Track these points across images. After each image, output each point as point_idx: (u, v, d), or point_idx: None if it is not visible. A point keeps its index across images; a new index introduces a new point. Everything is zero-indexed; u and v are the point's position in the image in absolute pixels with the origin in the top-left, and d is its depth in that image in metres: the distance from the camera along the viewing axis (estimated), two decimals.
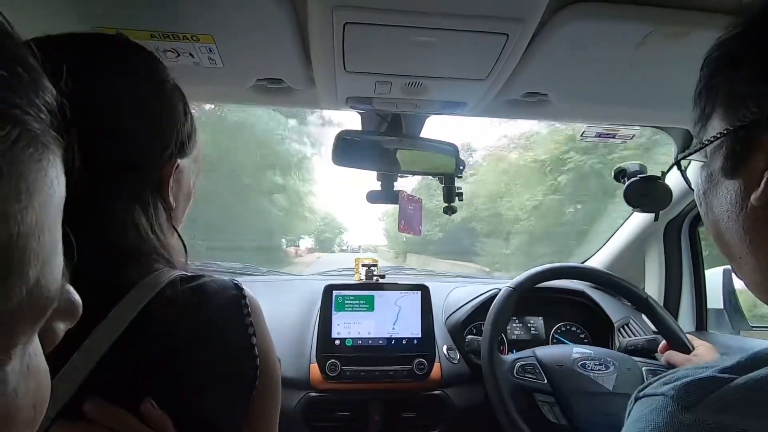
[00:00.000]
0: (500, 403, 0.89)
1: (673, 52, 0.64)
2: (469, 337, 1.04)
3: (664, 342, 0.95)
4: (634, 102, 0.80)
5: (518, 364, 0.95)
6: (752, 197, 0.34)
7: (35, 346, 0.20)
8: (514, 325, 1.24)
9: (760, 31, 0.35)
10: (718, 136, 0.37)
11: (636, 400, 0.32)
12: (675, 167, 0.50)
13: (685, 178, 0.47)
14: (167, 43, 0.63)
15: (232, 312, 0.50)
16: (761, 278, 0.37)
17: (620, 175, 1.03)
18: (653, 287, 1.30)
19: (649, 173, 0.95)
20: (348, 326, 1.04)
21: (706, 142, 0.38)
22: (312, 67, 0.69)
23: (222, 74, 0.71)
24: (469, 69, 0.66)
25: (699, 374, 0.29)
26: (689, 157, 0.42)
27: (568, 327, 1.23)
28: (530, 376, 0.94)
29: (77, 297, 0.22)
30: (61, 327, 0.22)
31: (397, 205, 1.05)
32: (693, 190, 0.43)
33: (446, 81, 0.70)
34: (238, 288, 0.51)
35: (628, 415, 0.32)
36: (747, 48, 0.36)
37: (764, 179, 0.33)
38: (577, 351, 0.95)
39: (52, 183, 0.19)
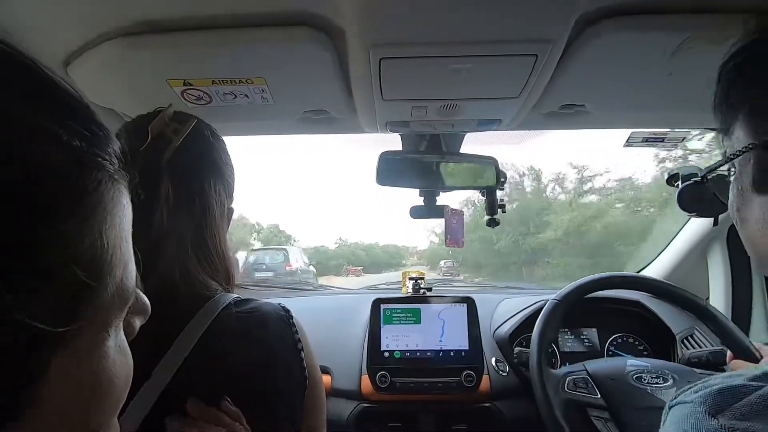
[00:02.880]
0: (551, 419, 0.87)
1: (714, 55, 0.62)
2: (518, 349, 1.03)
3: (730, 353, 0.89)
4: (677, 106, 0.78)
5: (569, 378, 0.94)
6: None
7: (122, 333, 0.26)
8: (567, 337, 1.21)
9: None
10: (744, 150, 0.36)
11: (670, 408, 0.33)
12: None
13: (712, 193, 0.46)
14: (226, 87, 0.71)
15: (283, 332, 0.58)
16: None
17: (673, 179, 0.99)
18: (719, 296, 1.21)
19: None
20: (396, 339, 1.08)
21: (732, 156, 0.38)
22: (353, 97, 0.75)
23: (273, 109, 0.78)
24: (502, 89, 0.69)
25: (729, 382, 0.30)
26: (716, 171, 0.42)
27: (624, 339, 1.19)
28: (582, 390, 0.92)
29: (146, 299, 0.30)
30: (137, 322, 0.29)
31: (443, 220, 1.09)
32: (725, 204, 0.42)
33: (480, 101, 0.73)
34: (286, 310, 0.60)
35: (663, 422, 0.33)
36: (764, 60, 0.35)
37: None
38: (632, 364, 0.91)
39: (124, 207, 0.25)
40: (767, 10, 0.54)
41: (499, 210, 1.07)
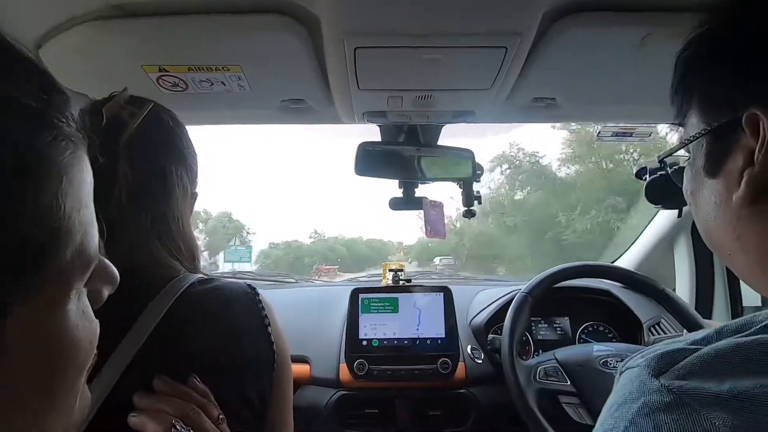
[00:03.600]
0: (525, 408, 0.90)
1: (675, 51, 0.65)
2: (491, 336, 1.06)
3: None
4: (643, 100, 0.81)
5: (540, 368, 0.97)
6: (734, 197, 0.35)
7: (85, 299, 0.27)
8: (540, 326, 1.25)
9: (727, 32, 0.36)
10: (697, 135, 0.38)
11: (620, 374, 0.35)
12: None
13: (669, 176, 0.48)
14: (202, 74, 0.71)
15: (249, 308, 0.59)
16: (752, 272, 0.38)
17: (641, 173, 1.03)
18: (684, 286, 1.27)
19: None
20: (374, 327, 1.09)
21: (686, 142, 0.40)
22: (330, 87, 0.76)
23: (250, 98, 0.79)
24: (474, 80, 0.71)
25: (671, 347, 0.32)
26: (673, 155, 0.45)
27: (595, 327, 1.23)
28: (553, 379, 0.95)
29: (113, 267, 0.31)
30: (105, 291, 0.30)
31: (422, 211, 1.11)
32: (680, 187, 0.44)
33: (454, 92, 0.75)
34: (252, 288, 0.61)
35: (615, 386, 0.35)
36: (716, 49, 0.37)
37: (744, 179, 0.34)
38: (598, 349, 0.95)
39: (84, 172, 0.26)
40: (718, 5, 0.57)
41: (475, 202, 1.10)
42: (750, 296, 1.22)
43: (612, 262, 1.47)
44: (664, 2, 0.60)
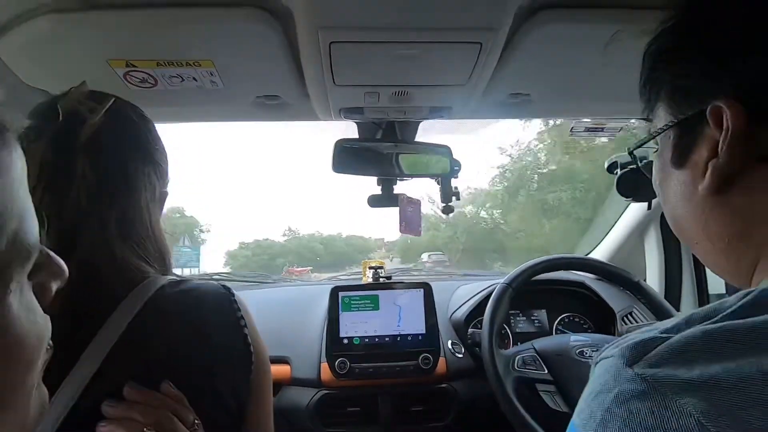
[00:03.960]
0: (503, 395, 0.92)
1: (642, 48, 0.67)
2: (471, 330, 1.07)
3: None
4: (614, 97, 0.84)
5: (518, 356, 0.99)
6: (699, 187, 0.36)
7: (30, 293, 0.26)
8: (519, 318, 1.27)
9: (693, 25, 0.37)
10: (664, 128, 0.39)
11: (596, 364, 0.36)
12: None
13: (639, 168, 0.50)
14: (172, 69, 0.69)
15: (223, 310, 0.57)
16: (717, 260, 0.39)
17: (613, 167, 1.06)
18: (654, 275, 1.32)
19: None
20: (355, 325, 1.09)
21: (654, 134, 0.41)
22: (305, 83, 0.75)
23: (223, 94, 0.77)
24: (450, 76, 0.71)
25: (643, 336, 0.33)
26: (643, 146, 0.46)
27: (570, 318, 1.26)
28: (531, 367, 0.97)
29: (60, 260, 0.29)
30: (53, 286, 0.29)
31: (398, 208, 1.11)
32: (650, 180, 0.45)
33: (430, 88, 0.75)
34: (227, 288, 0.59)
35: (591, 377, 0.36)
36: (682, 42, 0.38)
37: (708, 170, 0.35)
38: (575, 339, 0.98)
39: (14, 159, 0.25)
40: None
41: (453, 198, 1.11)
42: (715, 284, 1.28)
43: (586, 254, 1.51)
44: (626, 1, 0.61)
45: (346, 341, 1.07)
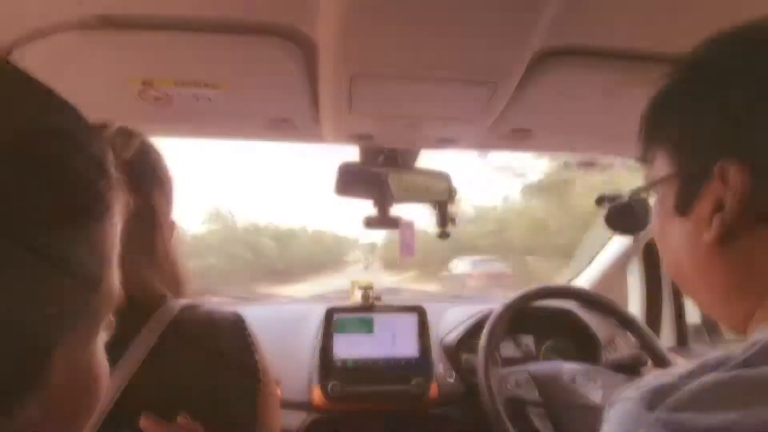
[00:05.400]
0: (494, 413, 0.93)
1: (643, 96, 0.72)
2: (466, 356, 1.09)
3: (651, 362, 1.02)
4: (611, 137, 0.89)
5: (513, 377, 1.01)
6: (703, 237, 0.37)
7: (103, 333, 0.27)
8: (506, 343, 1.29)
9: (693, 84, 0.39)
10: (668, 177, 0.40)
11: (611, 406, 0.37)
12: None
13: (628, 205, 0.51)
14: (189, 89, 0.69)
15: (238, 334, 0.58)
16: (714, 308, 0.41)
17: (601, 200, 1.11)
18: (635, 305, 1.37)
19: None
20: (348, 348, 1.08)
21: (656, 181, 0.42)
22: (318, 109, 0.76)
23: (235, 115, 0.77)
24: (463, 111, 0.74)
25: (661, 381, 0.35)
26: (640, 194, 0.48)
27: (556, 344, 1.29)
28: (523, 389, 0.99)
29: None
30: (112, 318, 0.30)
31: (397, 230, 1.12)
32: (637, 217, 0.48)
33: (442, 121, 0.77)
34: (239, 316, 0.60)
35: (607, 418, 0.37)
36: (693, 95, 0.39)
37: (714, 223, 0.36)
38: (568, 367, 1.00)
39: (121, 214, 0.27)
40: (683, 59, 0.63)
41: (450, 223, 1.13)
42: (692, 315, 1.34)
43: (569, 281, 1.55)
44: (640, 52, 0.65)
45: (339, 363, 1.06)
